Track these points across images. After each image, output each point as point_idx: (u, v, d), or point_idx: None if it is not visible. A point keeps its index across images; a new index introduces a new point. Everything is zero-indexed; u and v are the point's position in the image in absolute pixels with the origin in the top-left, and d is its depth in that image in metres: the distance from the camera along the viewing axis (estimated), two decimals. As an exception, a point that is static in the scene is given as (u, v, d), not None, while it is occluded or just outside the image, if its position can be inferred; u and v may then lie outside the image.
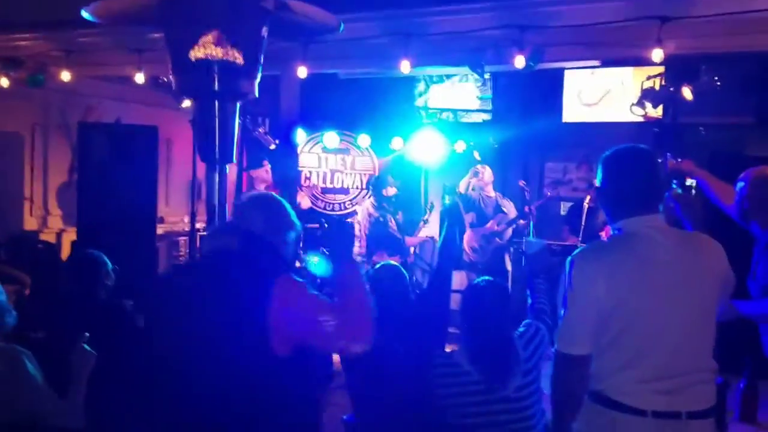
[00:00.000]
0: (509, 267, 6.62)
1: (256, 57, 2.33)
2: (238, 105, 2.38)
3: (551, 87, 7.32)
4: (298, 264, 2.87)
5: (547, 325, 2.65)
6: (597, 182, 2.06)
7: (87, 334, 2.49)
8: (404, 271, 2.98)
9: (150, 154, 5.15)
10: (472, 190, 6.58)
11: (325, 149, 7.67)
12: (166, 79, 5.02)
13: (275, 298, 1.80)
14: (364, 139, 7.64)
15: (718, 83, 6.05)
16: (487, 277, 2.64)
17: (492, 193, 6.60)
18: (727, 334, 2.64)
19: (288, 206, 2.10)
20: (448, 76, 7.68)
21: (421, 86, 7.69)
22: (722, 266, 2.03)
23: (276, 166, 6.04)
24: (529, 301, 2.83)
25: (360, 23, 3.87)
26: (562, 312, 1.96)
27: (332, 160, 7.87)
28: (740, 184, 2.85)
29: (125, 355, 2.42)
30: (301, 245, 2.43)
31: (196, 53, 2.22)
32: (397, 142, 7.59)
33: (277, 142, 6.43)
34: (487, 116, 7.92)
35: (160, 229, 6.08)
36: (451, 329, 3.24)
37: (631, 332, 1.90)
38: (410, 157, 7.43)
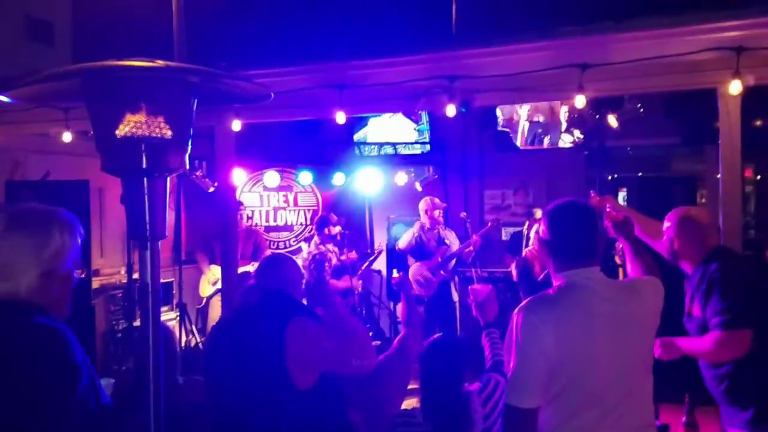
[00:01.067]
0: (456, 298, 6.66)
1: (186, 130, 2.30)
2: (168, 180, 2.33)
3: (486, 117, 7.51)
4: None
5: (506, 377, 2.66)
6: (541, 234, 2.11)
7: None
8: None
9: (81, 209, 4.98)
10: (413, 235, 6.57)
11: (266, 188, 7.63)
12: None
13: (289, 336, 2.12)
14: (305, 176, 7.64)
15: (641, 109, 6.34)
16: (440, 335, 2.67)
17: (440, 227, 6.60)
18: (667, 369, 2.76)
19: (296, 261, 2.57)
20: (386, 111, 7.79)
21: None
22: (659, 305, 2.11)
23: (215, 208, 5.97)
24: (486, 353, 2.81)
25: (294, 76, 3.90)
26: (511, 364, 1.97)
27: (274, 198, 7.84)
28: (667, 224, 2.96)
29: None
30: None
31: (122, 130, 2.17)
32: (338, 178, 7.63)
33: (215, 184, 6.35)
34: (426, 148, 8.05)
35: (96, 283, 5.88)
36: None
37: (577, 384, 1.95)
38: (352, 191, 7.47)
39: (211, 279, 6.63)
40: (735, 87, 3.32)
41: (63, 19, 5.95)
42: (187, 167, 2.60)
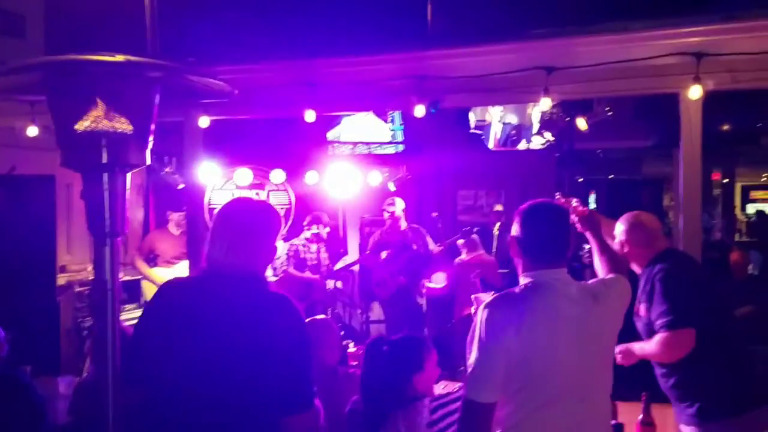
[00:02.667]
0: (421, 302, 6.59)
1: (147, 126, 2.29)
2: (128, 176, 2.32)
3: (459, 118, 7.58)
4: None
5: None
6: (512, 233, 2.14)
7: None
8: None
9: (47, 204, 4.93)
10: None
11: (238, 186, 7.58)
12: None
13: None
14: (278, 174, 7.60)
15: (610, 113, 6.45)
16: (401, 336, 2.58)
17: (403, 225, 6.35)
18: (624, 367, 2.82)
19: None
20: (359, 109, 7.79)
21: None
22: (626, 302, 2.17)
23: (184, 205, 5.90)
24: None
25: (264, 73, 3.89)
26: (472, 359, 1.99)
27: (246, 196, 7.78)
28: (619, 228, 3.03)
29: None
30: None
31: (82, 125, 2.15)
32: (311, 176, 7.59)
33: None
34: (399, 147, 8.09)
35: (62, 279, 5.79)
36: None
37: (538, 382, 1.98)
38: (326, 190, 7.45)
39: (158, 283, 6.15)
40: (695, 92, 3.40)
41: (35, 12, 5.85)
42: (148, 162, 2.57)
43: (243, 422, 1.86)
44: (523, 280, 2.10)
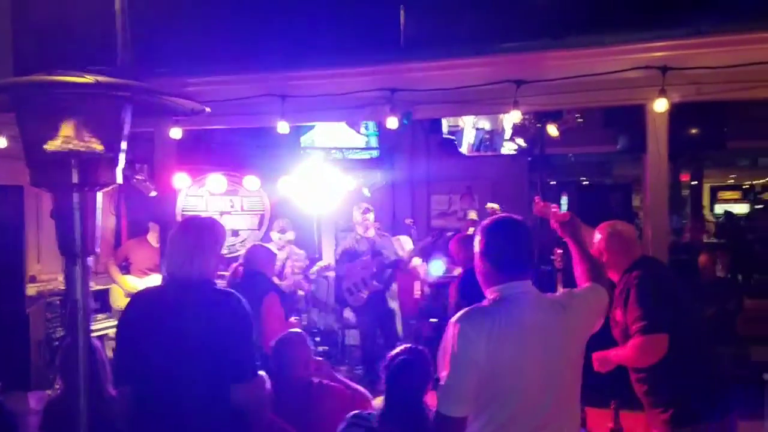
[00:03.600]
0: (392, 305, 6.62)
1: (117, 145, 2.28)
2: (99, 195, 2.31)
3: (433, 124, 7.62)
4: None
5: None
6: (477, 248, 2.17)
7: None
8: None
9: (15, 214, 4.84)
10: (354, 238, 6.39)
11: (211, 192, 7.53)
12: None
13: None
14: (252, 180, 7.56)
15: (581, 120, 6.56)
16: (409, 348, 2.65)
17: (371, 234, 6.31)
18: (594, 374, 2.88)
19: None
20: (334, 115, 7.78)
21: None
22: (601, 308, 2.23)
23: (156, 212, 5.84)
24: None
25: (236, 84, 3.89)
26: (444, 373, 2.01)
27: (220, 202, 7.73)
28: (597, 237, 3.11)
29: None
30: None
31: (52, 144, 2.14)
32: (285, 182, 7.56)
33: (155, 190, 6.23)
34: (374, 153, 8.10)
35: (32, 289, 5.69)
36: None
37: (508, 395, 2.01)
38: (300, 195, 7.43)
39: (128, 291, 5.85)
40: (661, 105, 3.49)
41: (3, 27, 5.72)
42: (119, 181, 2.56)
43: (204, 392, 2.38)
44: (490, 294, 2.14)
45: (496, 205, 6.54)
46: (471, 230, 7.12)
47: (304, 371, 3.10)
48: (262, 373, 2.56)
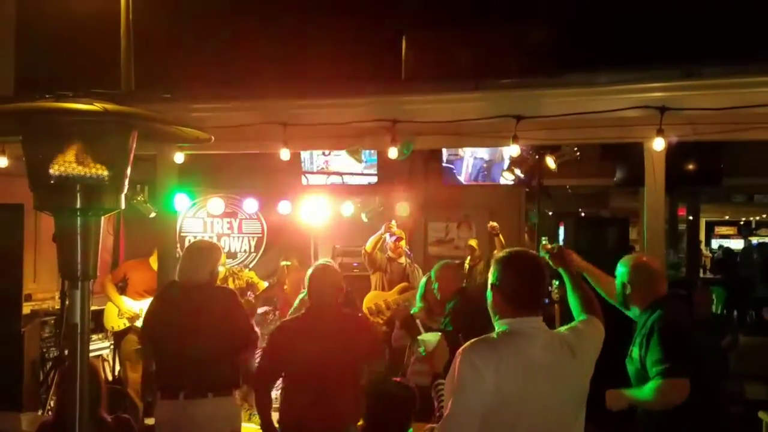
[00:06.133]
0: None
1: (122, 170, 2.31)
2: (102, 219, 2.33)
3: (432, 151, 7.67)
4: None
5: None
6: (492, 280, 2.17)
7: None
8: None
9: (14, 232, 4.85)
10: (379, 250, 6.38)
11: (210, 214, 7.56)
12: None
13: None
14: (250, 203, 7.59)
15: (578, 153, 6.61)
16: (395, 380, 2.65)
17: (403, 260, 6.39)
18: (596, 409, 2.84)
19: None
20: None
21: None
22: (599, 345, 2.22)
23: (156, 234, 5.84)
24: (435, 404, 2.64)
25: (238, 111, 3.94)
26: (449, 404, 1.98)
27: (218, 224, 7.76)
28: (622, 271, 3.03)
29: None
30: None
31: (57, 169, 2.17)
32: (284, 206, 7.59)
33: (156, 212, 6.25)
34: (372, 179, 8.13)
35: (27, 308, 5.67)
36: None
37: (510, 428, 1.99)
38: (298, 220, 7.45)
39: (123, 312, 5.89)
40: (658, 144, 3.54)
41: (7, 43, 5.80)
42: (123, 207, 2.59)
43: (212, 354, 3.40)
44: (500, 327, 2.13)
45: (495, 224, 6.56)
46: (468, 260, 7.14)
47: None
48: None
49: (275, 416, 3.38)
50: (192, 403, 3.37)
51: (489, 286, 2.18)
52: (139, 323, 5.67)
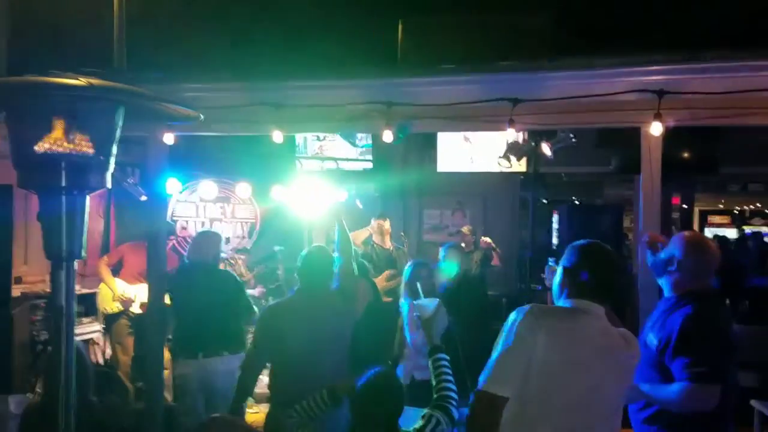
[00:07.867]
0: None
1: (108, 148, 2.25)
2: (87, 198, 2.27)
3: (427, 138, 7.62)
4: None
5: (450, 414, 2.48)
6: (564, 263, 2.22)
7: None
8: None
9: (3, 214, 4.77)
10: (365, 244, 6.40)
11: (202, 198, 7.49)
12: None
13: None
14: (244, 188, 7.54)
15: (574, 139, 6.57)
16: (379, 370, 2.46)
17: (388, 245, 6.41)
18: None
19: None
20: (329, 126, 7.75)
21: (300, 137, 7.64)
22: (636, 362, 2.22)
23: (147, 217, 5.78)
24: (433, 383, 2.60)
25: (230, 92, 3.87)
26: (494, 355, 2.02)
27: (211, 209, 7.70)
28: (675, 250, 2.70)
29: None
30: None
31: (42, 146, 2.10)
32: (278, 191, 7.53)
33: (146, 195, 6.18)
34: (368, 165, 8.08)
35: (17, 290, 5.61)
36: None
37: (546, 396, 2.00)
38: (292, 205, 7.39)
39: (116, 295, 5.80)
40: (656, 128, 3.49)
41: (1, 27, 5.67)
42: (109, 186, 2.52)
43: (222, 323, 4.34)
44: (564, 303, 2.18)
45: (488, 239, 6.36)
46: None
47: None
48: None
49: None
50: (209, 361, 4.22)
51: (561, 268, 2.23)
52: (133, 309, 5.64)
